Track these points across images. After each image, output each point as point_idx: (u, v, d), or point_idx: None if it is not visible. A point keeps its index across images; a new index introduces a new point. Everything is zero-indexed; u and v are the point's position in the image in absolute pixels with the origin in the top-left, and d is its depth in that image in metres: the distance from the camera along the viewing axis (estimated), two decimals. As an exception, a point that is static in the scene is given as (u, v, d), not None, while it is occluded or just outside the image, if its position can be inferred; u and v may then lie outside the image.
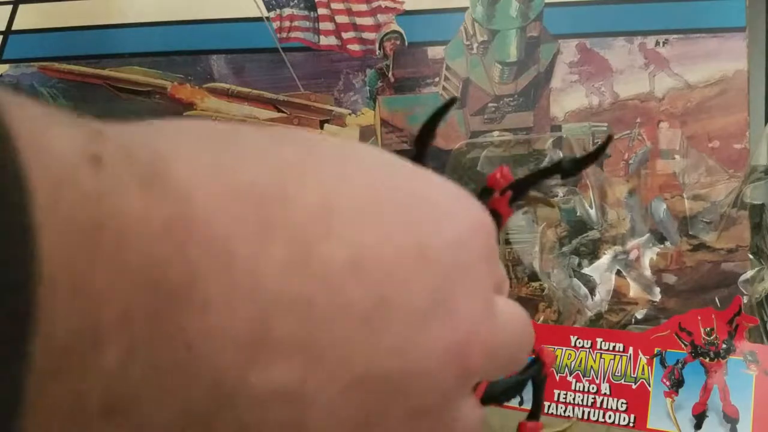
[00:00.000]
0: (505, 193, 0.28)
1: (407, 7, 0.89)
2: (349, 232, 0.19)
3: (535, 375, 0.31)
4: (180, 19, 0.91)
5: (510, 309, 0.24)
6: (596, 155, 0.30)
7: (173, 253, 0.16)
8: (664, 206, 0.78)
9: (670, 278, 0.77)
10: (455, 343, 0.20)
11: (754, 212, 0.74)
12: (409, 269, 0.19)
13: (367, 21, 0.90)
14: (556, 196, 0.77)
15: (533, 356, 0.31)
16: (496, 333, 0.22)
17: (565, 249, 0.76)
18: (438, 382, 0.20)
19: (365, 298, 0.18)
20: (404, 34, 0.90)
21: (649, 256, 0.75)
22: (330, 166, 0.20)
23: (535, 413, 0.32)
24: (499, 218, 0.28)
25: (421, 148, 0.29)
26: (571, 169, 0.30)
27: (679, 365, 0.57)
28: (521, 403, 0.61)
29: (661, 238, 0.77)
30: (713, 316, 0.57)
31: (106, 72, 0.92)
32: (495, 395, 0.29)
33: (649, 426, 0.56)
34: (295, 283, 0.18)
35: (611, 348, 0.60)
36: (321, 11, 0.91)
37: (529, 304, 0.76)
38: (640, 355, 0.59)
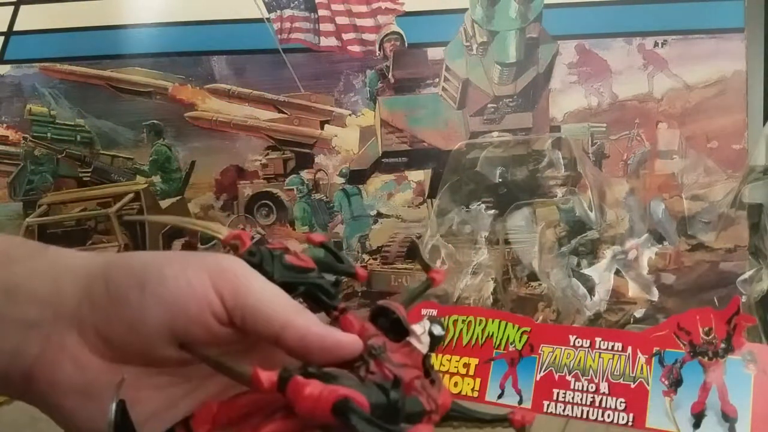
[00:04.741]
0: None
1: (407, 8, 0.90)
2: None
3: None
4: (181, 20, 0.91)
5: None
6: None
7: None
8: (663, 206, 0.78)
9: (669, 278, 0.77)
10: None
11: (753, 212, 0.74)
12: None
13: (368, 22, 0.90)
14: (555, 195, 0.78)
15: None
16: None
17: (564, 249, 0.76)
18: None
19: None
20: (404, 35, 0.90)
21: (648, 255, 0.75)
22: None
23: None
24: None
25: None
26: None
27: (678, 364, 0.57)
28: (520, 402, 0.61)
29: (659, 238, 0.77)
30: (712, 316, 0.57)
31: (107, 73, 0.93)
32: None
33: (647, 425, 0.56)
34: None
35: (610, 347, 0.60)
36: (321, 12, 0.91)
37: (529, 303, 0.76)
38: (639, 354, 0.59)
